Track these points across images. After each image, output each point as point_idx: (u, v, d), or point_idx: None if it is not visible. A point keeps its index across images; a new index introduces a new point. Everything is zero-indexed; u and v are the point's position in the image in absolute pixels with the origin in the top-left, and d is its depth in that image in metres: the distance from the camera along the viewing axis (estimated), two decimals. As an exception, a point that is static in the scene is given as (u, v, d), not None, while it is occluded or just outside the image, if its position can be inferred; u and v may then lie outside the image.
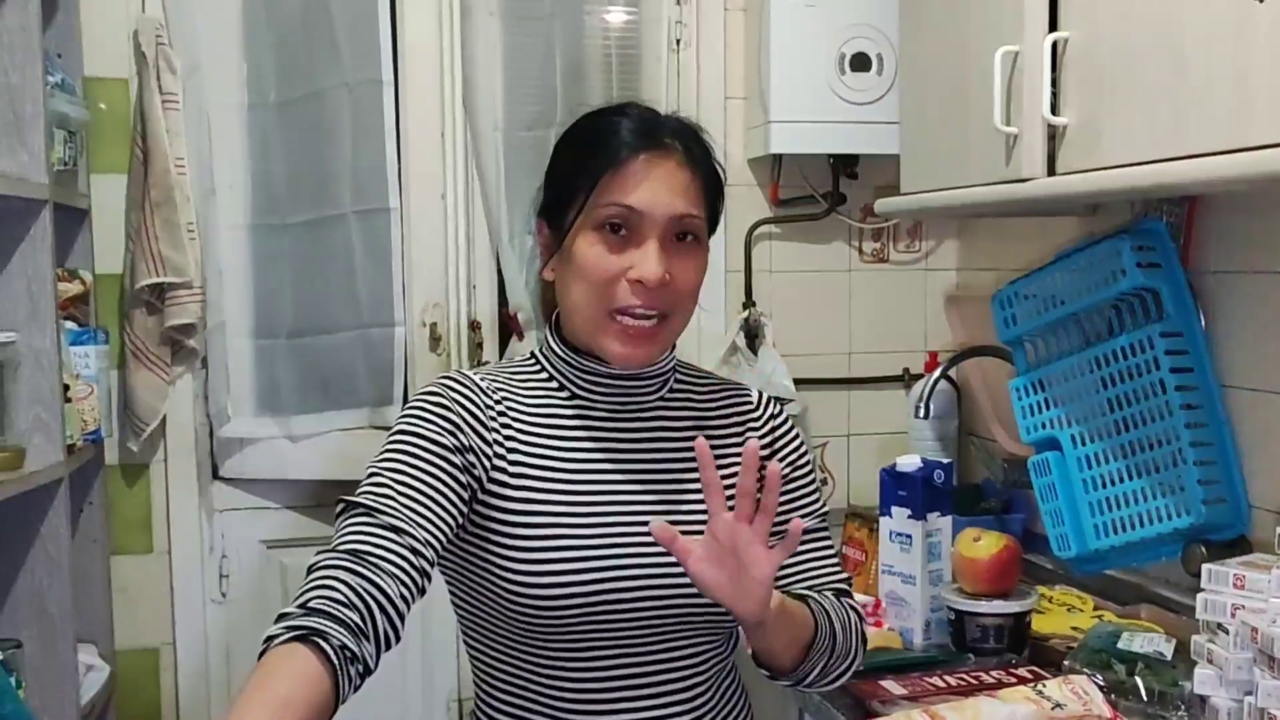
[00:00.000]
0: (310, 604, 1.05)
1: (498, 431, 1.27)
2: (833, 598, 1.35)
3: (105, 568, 2.30)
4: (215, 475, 2.41)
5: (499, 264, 2.41)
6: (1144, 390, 1.85)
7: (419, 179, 2.35)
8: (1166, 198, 1.91)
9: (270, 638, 1.03)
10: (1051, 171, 1.65)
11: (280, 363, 2.38)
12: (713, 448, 1.31)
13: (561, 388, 1.33)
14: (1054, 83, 1.62)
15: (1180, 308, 1.84)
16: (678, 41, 2.47)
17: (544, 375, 1.34)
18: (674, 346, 1.35)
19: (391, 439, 1.24)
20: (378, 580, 1.09)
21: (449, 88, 2.35)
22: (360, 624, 1.06)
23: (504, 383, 1.32)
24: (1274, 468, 1.77)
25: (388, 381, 2.34)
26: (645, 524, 1.27)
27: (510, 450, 1.27)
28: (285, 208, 2.35)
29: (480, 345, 2.40)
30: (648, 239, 1.24)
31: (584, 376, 1.32)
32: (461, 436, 1.24)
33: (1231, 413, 1.83)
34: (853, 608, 1.37)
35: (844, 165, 2.51)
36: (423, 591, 1.15)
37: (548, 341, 1.35)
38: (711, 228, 1.33)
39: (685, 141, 1.29)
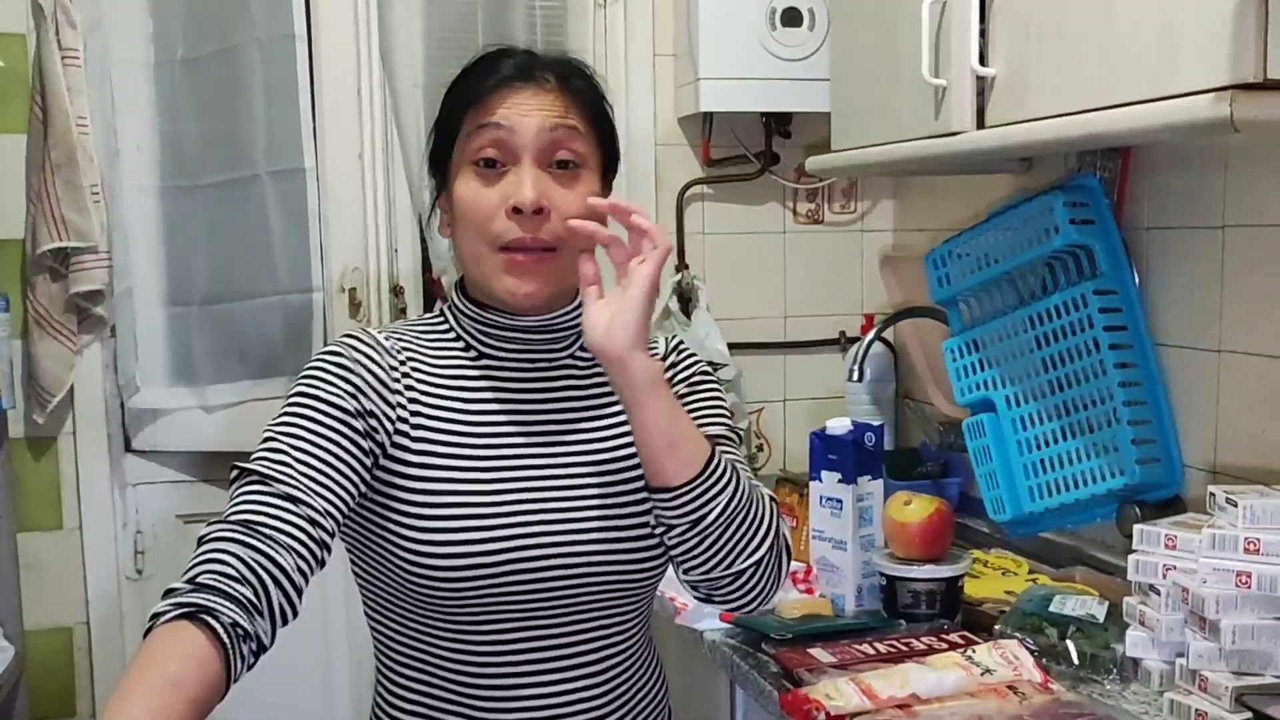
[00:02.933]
0: (199, 579, 1.00)
1: (401, 394, 1.21)
2: None
3: (12, 545, 2.22)
4: (128, 448, 2.34)
5: (422, 227, 2.33)
6: (1078, 349, 1.82)
7: (335, 138, 2.26)
8: (1100, 153, 1.88)
9: (157, 615, 0.98)
10: (981, 124, 1.62)
11: (194, 330, 2.30)
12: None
13: (468, 347, 1.27)
14: (983, 34, 1.58)
15: (1113, 265, 1.82)
16: (605, -3, 2.40)
17: (451, 334, 1.28)
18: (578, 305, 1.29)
19: (289, 401, 1.18)
20: (271, 553, 1.04)
21: (365, 43, 2.26)
22: (253, 600, 1.01)
23: (410, 341, 1.26)
24: (1207, 426, 1.75)
25: (306, 349, 2.26)
26: (553, 489, 1.22)
27: (414, 413, 1.21)
28: (195, 169, 2.27)
29: (403, 311, 2.33)
30: (520, 162, 1.19)
31: (489, 331, 1.26)
32: (363, 400, 1.18)
33: (1165, 371, 1.81)
34: (768, 495, 1.27)
35: (777, 124, 2.45)
36: (321, 564, 1.10)
37: (453, 298, 1.30)
38: (608, 163, 1.27)
39: (561, 73, 1.23)
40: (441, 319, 1.30)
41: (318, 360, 1.21)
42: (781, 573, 1.26)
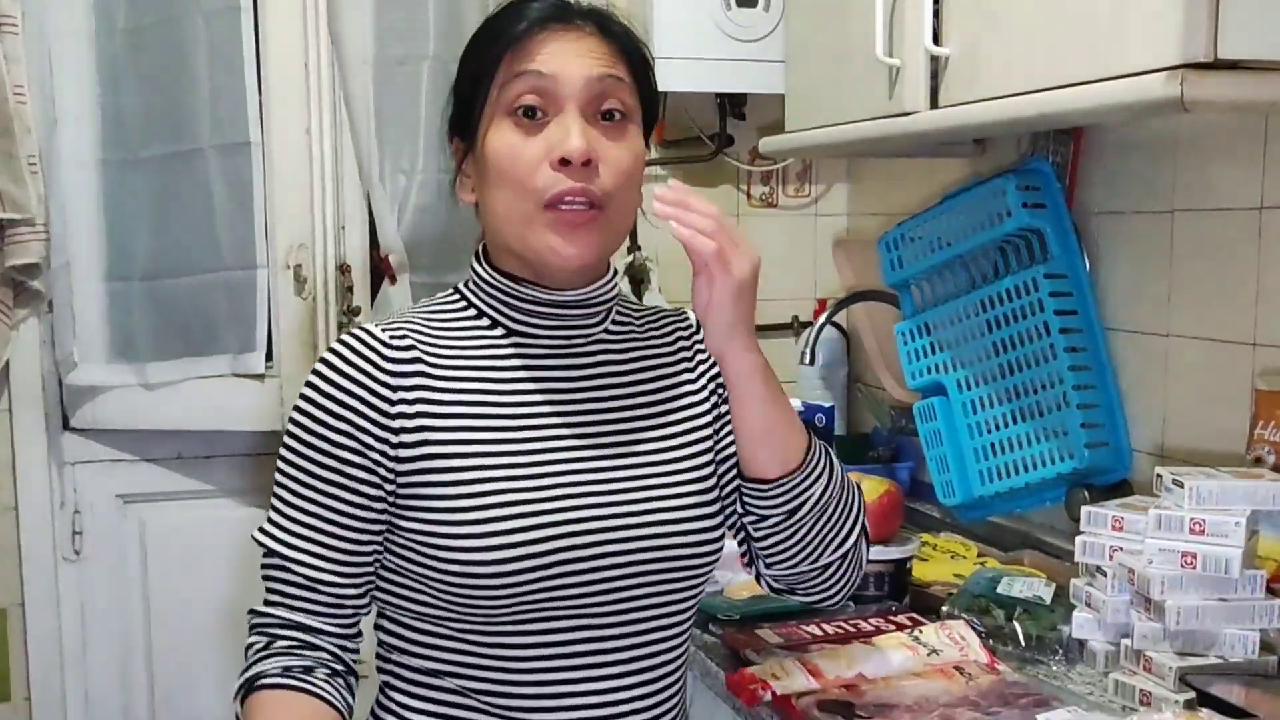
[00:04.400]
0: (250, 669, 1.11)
1: (405, 403, 1.10)
2: None
3: (-55, 525, 2.16)
4: (66, 426, 2.29)
5: (370, 204, 2.29)
6: (1028, 333, 1.82)
7: (281, 112, 2.21)
8: (1053, 137, 1.89)
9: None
10: (934, 105, 1.60)
11: (135, 306, 2.25)
12: (662, 378, 1.22)
13: (494, 324, 1.17)
14: (936, 13, 1.57)
15: (1065, 249, 1.82)
16: (559, -28, 2.36)
17: (472, 311, 1.18)
18: (615, 272, 1.21)
19: (290, 455, 1.12)
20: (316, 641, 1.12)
21: (312, 16, 2.20)
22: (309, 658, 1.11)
23: (419, 331, 1.15)
24: (1156, 411, 1.75)
25: (250, 327, 2.22)
26: (597, 469, 1.14)
27: (430, 410, 1.11)
28: (137, 142, 2.22)
29: (350, 289, 2.29)
30: (564, 110, 1.10)
31: (521, 306, 1.16)
32: (359, 435, 1.09)
33: (1115, 355, 1.81)
34: (855, 483, 1.26)
35: (732, 105, 2.43)
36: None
37: (477, 272, 1.19)
38: (649, 116, 1.18)
39: (599, 20, 1.15)
40: (457, 297, 1.20)
41: (312, 390, 1.11)
42: (863, 564, 1.26)
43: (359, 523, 1.11)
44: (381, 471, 1.10)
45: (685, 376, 1.25)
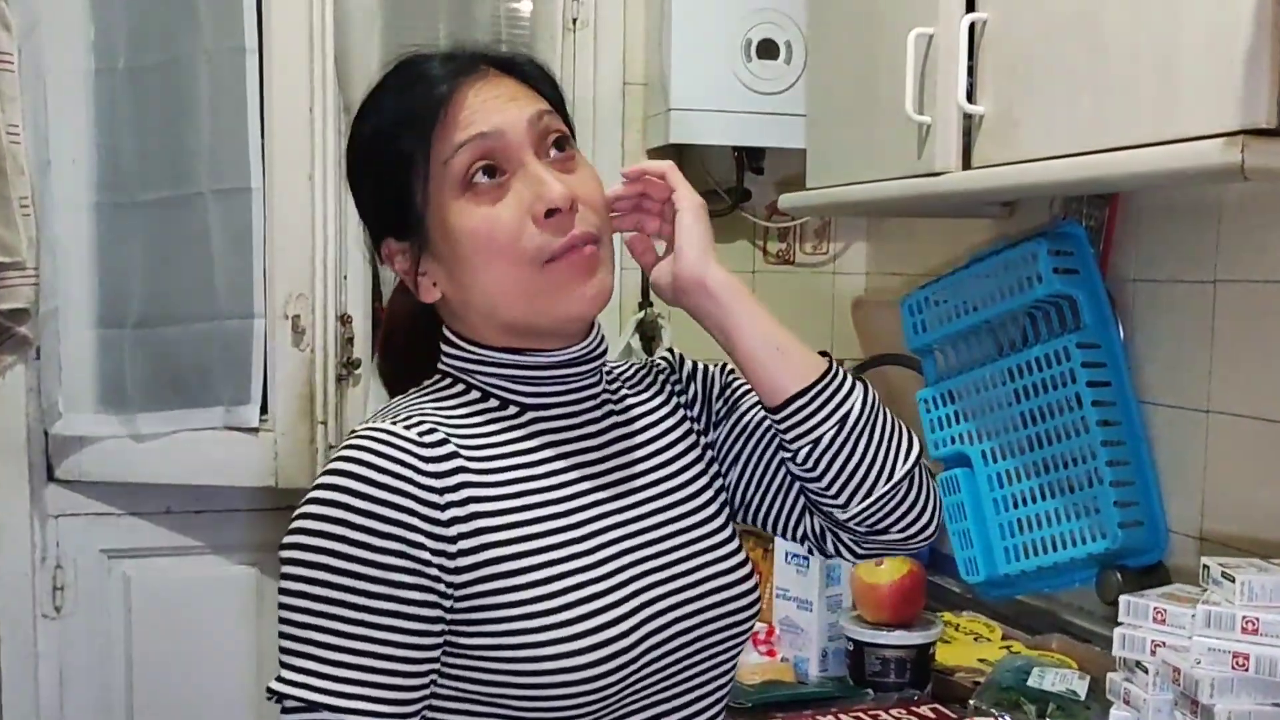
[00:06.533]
0: None
1: (451, 493, 0.99)
2: None
3: (-80, 579, 2.08)
4: (50, 477, 2.21)
5: (373, 253, 2.22)
6: (1059, 405, 1.74)
7: (284, 157, 2.14)
8: (1086, 200, 1.82)
9: None
10: (966, 165, 1.53)
11: (126, 355, 2.18)
12: (668, 429, 1.17)
13: (505, 404, 1.08)
14: (970, 69, 1.50)
15: (1098, 317, 1.74)
16: (574, 21, 2.31)
17: (476, 395, 1.08)
18: (598, 326, 1.13)
19: (317, 588, 0.95)
20: None
21: (319, 60, 2.14)
22: None
23: (441, 420, 1.04)
24: (1194, 490, 1.66)
25: (245, 378, 2.15)
26: (648, 540, 1.08)
27: (481, 509, 1.01)
28: (135, 185, 2.16)
29: (350, 341, 2.21)
30: (525, 162, 1.03)
31: (530, 376, 1.07)
32: (413, 550, 0.96)
33: (1151, 431, 1.73)
34: None
35: (749, 159, 2.37)
36: None
37: (465, 355, 1.08)
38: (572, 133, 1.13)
39: (496, 60, 1.09)
40: (451, 382, 1.10)
41: (338, 507, 0.96)
42: (937, 498, 1.17)
43: (419, 652, 0.97)
44: (441, 588, 0.98)
45: (680, 416, 1.20)
